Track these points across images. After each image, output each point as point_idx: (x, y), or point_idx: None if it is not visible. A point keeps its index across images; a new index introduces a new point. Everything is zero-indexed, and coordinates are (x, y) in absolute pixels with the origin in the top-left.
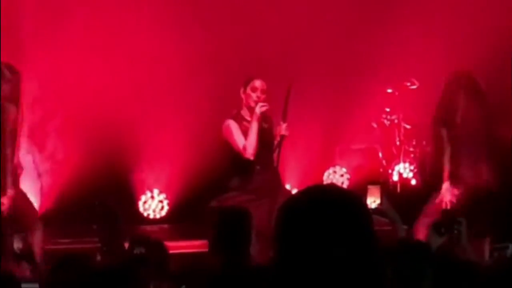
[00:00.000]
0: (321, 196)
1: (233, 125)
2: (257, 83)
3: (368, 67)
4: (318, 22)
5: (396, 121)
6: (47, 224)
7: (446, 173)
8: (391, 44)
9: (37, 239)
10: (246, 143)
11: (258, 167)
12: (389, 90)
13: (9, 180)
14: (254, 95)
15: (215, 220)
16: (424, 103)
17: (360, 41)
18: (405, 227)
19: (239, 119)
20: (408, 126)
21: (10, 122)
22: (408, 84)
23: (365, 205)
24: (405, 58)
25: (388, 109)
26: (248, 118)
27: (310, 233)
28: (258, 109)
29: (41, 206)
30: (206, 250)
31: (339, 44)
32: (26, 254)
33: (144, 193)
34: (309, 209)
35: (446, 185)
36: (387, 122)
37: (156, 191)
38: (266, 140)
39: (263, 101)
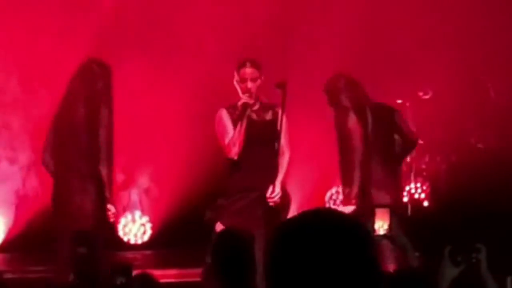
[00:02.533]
0: (317, 223)
1: (224, 115)
2: (247, 71)
3: (376, 76)
4: (326, 32)
5: None
6: (17, 250)
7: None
8: (402, 49)
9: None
10: (230, 141)
11: (254, 163)
12: (399, 101)
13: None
14: (243, 86)
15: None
16: (438, 115)
17: (368, 49)
18: (417, 254)
19: (232, 110)
20: (420, 141)
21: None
22: (421, 93)
23: (367, 231)
24: (417, 66)
25: None
26: (238, 104)
27: (305, 263)
28: (240, 103)
29: (11, 230)
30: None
31: (346, 53)
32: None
33: (124, 215)
34: (303, 237)
35: None
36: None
37: (137, 214)
38: (267, 135)
39: (255, 89)
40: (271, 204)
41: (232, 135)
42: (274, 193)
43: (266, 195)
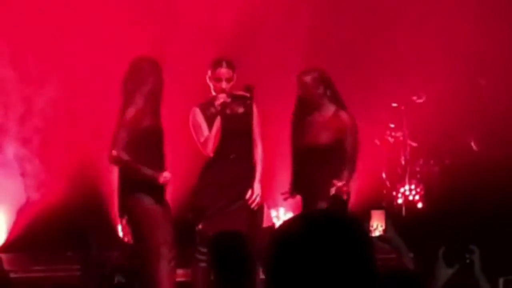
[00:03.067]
0: (315, 223)
1: (197, 114)
2: (222, 71)
3: (371, 80)
4: (320, 36)
5: (401, 138)
6: (20, 250)
7: None
8: (397, 54)
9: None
10: (205, 139)
11: (232, 156)
12: (394, 104)
13: None
14: (218, 85)
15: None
16: (432, 118)
17: (361, 51)
18: (411, 255)
19: (206, 106)
20: (414, 144)
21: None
22: (415, 97)
23: (365, 231)
24: (411, 70)
25: (392, 125)
26: (214, 110)
27: (304, 264)
28: (218, 102)
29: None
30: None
31: (338, 54)
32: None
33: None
34: (302, 238)
35: None
36: (391, 140)
37: None
38: (240, 126)
39: (229, 90)
40: (253, 206)
41: (207, 134)
42: (254, 195)
43: (244, 192)
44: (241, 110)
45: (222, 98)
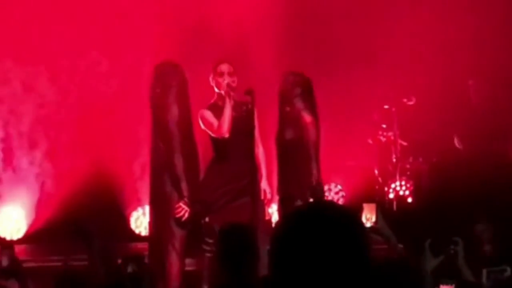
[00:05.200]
0: (319, 213)
1: (206, 112)
2: (223, 67)
3: (364, 82)
4: (312, 38)
5: (392, 137)
6: (38, 241)
7: None
8: (388, 58)
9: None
10: (220, 120)
11: (235, 155)
12: (386, 106)
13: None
14: (221, 80)
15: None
16: (421, 119)
17: (355, 55)
18: (400, 245)
19: (213, 107)
20: (404, 143)
21: (173, 125)
22: (405, 100)
23: (361, 222)
24: (402, 74)
25: (384, 126)
26: (221, 104)
27: (308, 250)
28: (225, 83)
29: (34, 222)
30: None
31: (334, 59)
32: (14, 270)
33: (135, 209)
34: (307, 226)
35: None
36: (383, 139)
37: (148, 208)
38: (243, 128)
39: (232, 84)
40: (266, 202)
41: (222, 115)
42: (267, 194)
43: (248, 187)
44: (243, 113)
45: (226, 85)
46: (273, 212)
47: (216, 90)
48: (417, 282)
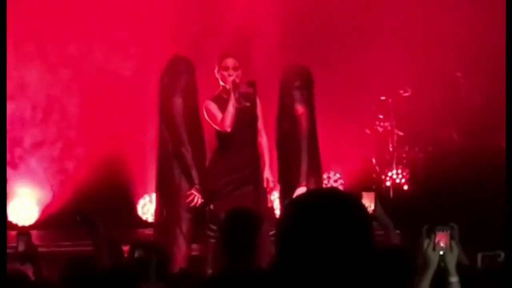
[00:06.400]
0: (324, 200)
1: (210, 104)
2: (228, 61)
3: (362, 75)
4: (312, 31)
5: (389, 128)
6: (49, 227)
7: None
8: (385, 52)
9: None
10: (224, 115)
11: (240, 142)
12: (383, 98)
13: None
14: (226, 74)
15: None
16: (416, 110)
17: (353, 48)
18: (397, 232)
19: (217, 99)
20: (401, 133)
21: (179, 116)
22: (402, 91)
23: (364, 208)
24: (398, 66)
25: (381, 116)
26: (225, 97)
27: (313, 235)
28: (230, 80)
29: (46, 209)
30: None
31: (332, 51)
32: (30, 255)
33: (142, 197)
34: (312, 212)
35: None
36: (380, 129)
37: (154, 195)
38: (246, 118)
39: (236, 78)
40: (269, 190)
41: (224, 112)
42: (270, 182)
43: (250, 176)
44: (247, 104)
45: (231, 80)
46: (275, 199)
47: (221, 83)
48: (416, 268)
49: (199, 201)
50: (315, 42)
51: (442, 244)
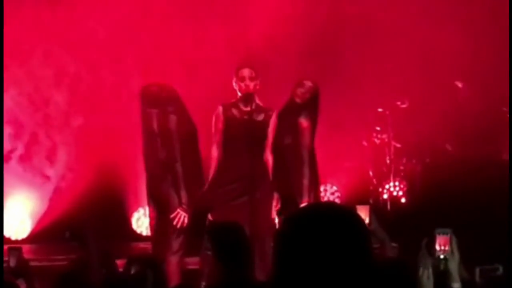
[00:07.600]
0: (322, 213)
1: (219, 114)
2: (245, 72)
3: (359, 87)
4: (309, 43)
5: (386, 139)
6: (42, 240)
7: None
8: (382, 63)
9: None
10: (213, 150)
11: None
12: (380, 110)
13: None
14: (242, 84)
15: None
16: (414, 122)
17: (350, 61)
18: (395, 244)
19: (229, 106)
20: (398, 145)
21: (174, 132)
22: (399, 103)
23: (363, 222)
24: (395, 77)
25: (378, 128)
26: (241, 106)
27: (311, 249)
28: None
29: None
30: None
31: (328, 63)
32: (22, 271)
33: (137, 210)
34: (310, 225)
35: None
36: (377, 141)
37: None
38: (258, 132)
39: (253, 89)
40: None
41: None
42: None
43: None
44: (260, 118)
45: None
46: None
47: (238, 93)
48: (414, 282)
49: (186, 221)
50: (312, 55)
51: (442, 248)
